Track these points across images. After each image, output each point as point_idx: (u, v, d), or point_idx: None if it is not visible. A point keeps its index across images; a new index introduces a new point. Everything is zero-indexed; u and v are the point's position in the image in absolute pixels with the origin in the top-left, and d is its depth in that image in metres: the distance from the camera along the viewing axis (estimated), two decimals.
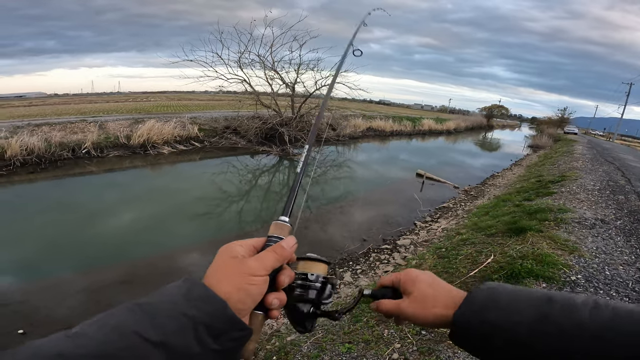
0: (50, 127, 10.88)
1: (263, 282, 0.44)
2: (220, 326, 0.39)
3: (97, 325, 0.35)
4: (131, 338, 0.35)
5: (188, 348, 0.37)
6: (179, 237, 5.75)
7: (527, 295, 0.47)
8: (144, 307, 0.38)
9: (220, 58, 13.97)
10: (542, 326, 0.42)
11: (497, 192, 8.45)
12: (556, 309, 0.43)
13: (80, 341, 0.34)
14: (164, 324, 0.37)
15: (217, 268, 0.44)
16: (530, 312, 0.44)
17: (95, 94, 48.41)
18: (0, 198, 7.45)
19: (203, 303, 0.39)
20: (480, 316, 0.47)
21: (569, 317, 0.42)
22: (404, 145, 19.74)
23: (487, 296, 0.49)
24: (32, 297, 3.91)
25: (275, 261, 0.47)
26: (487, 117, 43.36)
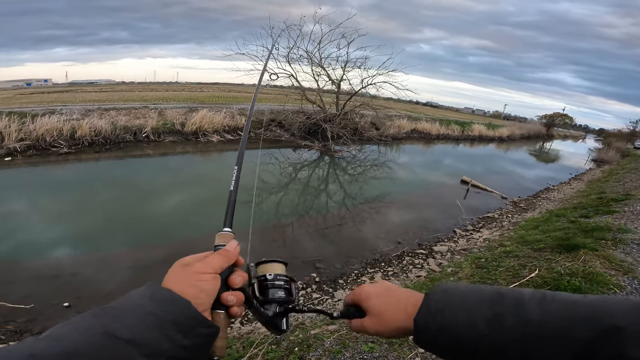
0: (117, 111, 11.98)
1: (212, 279, 0.48)
2: (186, 322, 0.42)
3: (67, 328, 0.37)
4: (102, 337, 0.36)
5: (158, 344, 0.39)
6: (218, 222, 6.06)
7: (477, 293, 0.49)
8: (111, 310, 0.40)
9: (270, 53, 14.37)
10: (496, 324, 0.45)
11: (551, 206, 7.84)
12: (507, 306, 0.45)
13: (52, 342, 0.35)
14: (133, 324, 0.39)
15: (171, 275, 0.48)
16: (483, 311, 0.46)
17: (157, 83, 52.19)
18: (67, 173, 8.38)
19: (168, 303, 0.42)
20: (437, 319, 0.49)
21: (519, 314, 0.44)
22: (449, 149, 18.91)
23: (441, 297, 0.51)
24: (82, 270, 4.18)
25: (221, 261, 0.50)
26: (547, 125, 40.00)
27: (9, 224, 5.24)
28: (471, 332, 0.46)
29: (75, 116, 10.55)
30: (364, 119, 16.14)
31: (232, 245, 0.54)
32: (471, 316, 0.47)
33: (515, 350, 0.43)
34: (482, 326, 0.45)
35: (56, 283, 3.90)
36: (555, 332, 0.41)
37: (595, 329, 0.39)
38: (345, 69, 15.02)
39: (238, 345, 2.44)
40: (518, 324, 0.43)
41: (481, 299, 0.48)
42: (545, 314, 0.43)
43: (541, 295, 0.46)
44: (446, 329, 0.48)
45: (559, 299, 0.45)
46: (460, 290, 0.51)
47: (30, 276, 3.98)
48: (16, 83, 49.09)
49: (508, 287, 0.51)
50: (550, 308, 0.43)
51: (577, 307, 0.42)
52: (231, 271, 0.52)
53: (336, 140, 13.38)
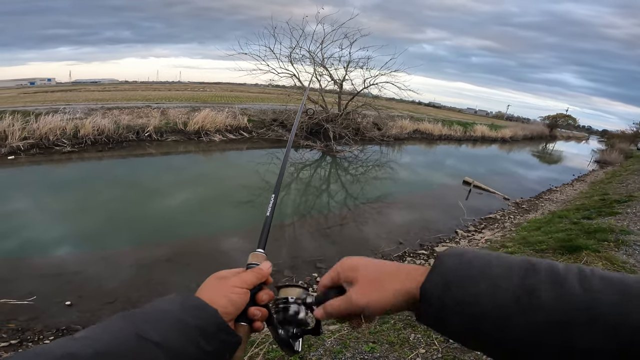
0: (120, 111, 12.02)
1: (244, 294, 0.51)
2: (212, 330, 0.44)
3: (100, 329, 0.39)
4: (134, 339, 0.38)
5: (185, 349, 0.41)
6: (222, 222, 6.08)
7: (502, 262, 0.41)
8: (141, 315, 0.42)
9: (272, 52, 14.41)
10: (529, 301, 0.37)
11: (553, 207, 7.81)
12: (541, 279, 0.38)
13: (87, 342, 0.37)
14: (163, 327, 0.41)
15: (206, 286, 0.51)
16: (512, 282, 0.38)
17: (159, 83, 52.31)
18: (70, 172, 8.42)
19: (197, 311, 0.44)
20: (453, 291, 0.40)
21: (558, 290, 0.36)
22: (452, 150, 18.87)
23: (457, 264, 0.42)
24: (85, 269, 4.20)
25: (254, 278, 0.54)
26: (550, 126, 39.83)
27: (12, 222, 5.27)
28: (497, 310, 0.38)
29: (78, 115, 10.60)
30: (366, 119, 16.13)
31: (265, 265, 0.58)
32: (497, 290, 0.38)
33: (553, 335, 0.35)
34: (509, 301, 0.37)
35: (59, 281, 3.91)
36: (607, 311, 0.34)
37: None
38: (348, 69, 15.05)
39: None
40: (557, 301, 0.36)
41: (508, 268, 0.40)
42: (591, 290, 0.35)
43: (577, 269, 0.38)
44: (465, 304, 0.39)
45: (599, 274, 0.37)
46: (481, 257, 0.42)
47: (33, 274, 4.00)
48: (20, 82, 49.29)
49: (535, 258, 0.42)
50: (594, 283, 0.36)
51: (626, 283, 0.35)
52: (260, 288, 0.55)
53: (338, 141, 13.38)
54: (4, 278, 3.85)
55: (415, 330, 2.42)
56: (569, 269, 0.39)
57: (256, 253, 0.62)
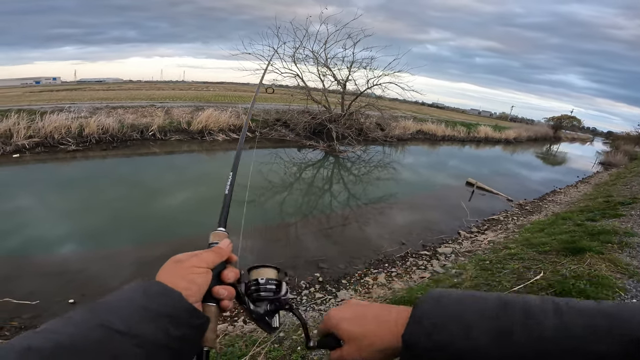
0: (124, 110, 12.09)
1: (204, 272, 0.50)
2: (178, 313, 0.43)
3: (62, 322, 0.38)
4: (98, 329, 0.37)
5: (152, 335, 0.40)
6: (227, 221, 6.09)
7: (477, 303, 0.43)
8: (105, 304, 0.41)
9: (276, 52, 14.43)
10: (502, 341, 0.39)
11: (557, 209, 7.77)
12: (515, 319, 0.40)
13: (48, 335, 0.35)
14: (128, 316, 0.40)
15: (164, 270, 0.50)
16: (487, 325, 0.40)
17: (163, 82, 52.61)
18: (75, 171, 8.48)
19: (160, 296, 0.44)
20: (432, 337, 0.42)
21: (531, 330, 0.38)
22: (455, 151, 18.81)
23: (433, 310, 0.44)
24: (88, 267, 4.20)
25: (213, 257, 0.53)
26: (555, 128, 39.62)
27: (16, 220, 5.31)
28: (474, 351, 0.39)
29: (83, 114, 10.67)
30: (369, 119, 16.11)
31: (224, 243, 0.57)
32: (472, 332, 0.40)
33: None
34: (485, 343, 0.39)
35: (62, 279, 3.91)
36: (574, 347, 0.36)
37: (620, 342, 0.35)
38: (351, 69, 15.04)
39: (241, 344, 2.45)
40: (530, 340, 0.38)
41: (482, 309, 0.42)
42: (561, 327, 0.37)
43: (552, 304, 0.40)
44: (444, 347, 0.41)
45: (574, 308, 0.39)
46: (455, 299, 0.44)
47: (36, 272, 4.02)
48: (25, 81, 49.70)
49: (510, 294, 0.44)
50: (566, 319, 0.38)
51: (597, 318, 0.37)
52: (224, 267, 0.54)
53: (341, 141, 13.38)
54: (8, 276, 3.87)
55: None
56: (543, 306, 0.40)
57: (217, 232, 0.60)
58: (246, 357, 2.21)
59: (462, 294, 0.45)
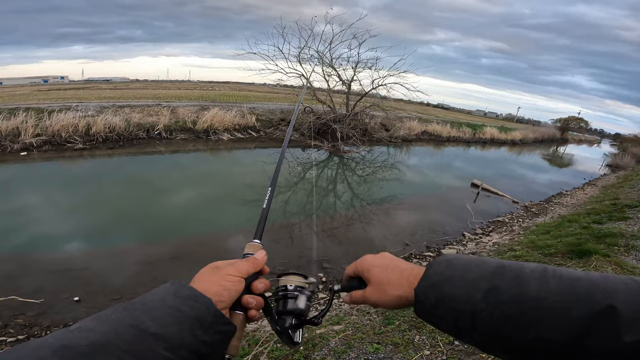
0: (130, 109, 12.19)
1: (238, 282, 0.52)
2: (207, 319, 0.44)
3: (97, 321, 0.39)
4: (131, 330, 0.39)
5: (182, 338, 0.41)
6: (228, 220, 6.12)
7: (480, 266, 0.48)
8: (137, 305, 0.42)
9: (281, 52, 14.44)
10: (492, 297, 0.44)
11: (563, 211, 7.69)
12: (506, 280, 0.44)
13: (83, 334, 0.37)
14: (159, 318, 0.41)
15: (200, 276, 0.52)
16: (482, 283, 0.45)
17: (169, 81, 52.93)
18: (81, 169, 8.57)
19: (191, 300, 0.45)
20: (437, 290, 0.49)
21: (517, 289, 0.43)
22: (460, 152, 18.71)
23: (444, 269, 0.50)
24: (93, 265, 4.23)
25: (248, 267, 0.55)
26: (562, 129, 39.23)
27: (22, 218, 5.38)
28: (468, 304, 0.45)
29: (90, 113, 10.78)
30: (374, 120, 16.08)
31: (260, 254, 0.60)
32: (470, 288, 0.46)
33: (511, 325, 0.42)
34: (478, 298, 0.44)
35: (67, 277, 3.94)
36: (552, 309, 0.40)
37: (592, 308, 0.38)
38: (356, 69, 15.01)
39: (244, 343, 2.46)
40: (515, 298, 0.42)
41: (482, 270, 0.47)
42: (543, 289, 0.41)
43: (542, 270, 0.44)
44: (444, 300, 0.47)
45: (560, 274, 0.43)
46: (464, 262, 0.50)
47: (42, 270, 4.06)
48: (33, 80, 50.33)
49: (511, 261, 0.49)
50: (549, 283, 0.42)
51: (577, 284, 0.41)
52: (255, 278, 0.56)
53: (345, 141, 13.37)
54: (14, 274, 3.91)
55: (420, 332, 2.41)
56: (534, 270, 0.45)
57: (252, 243, 0.63)
58: (249, 356, 2.21)
59: (470, 258, 0.51)
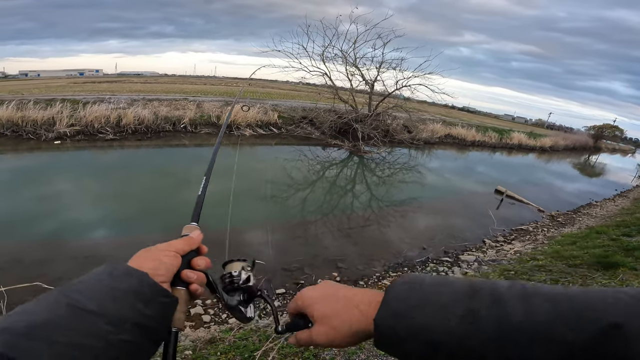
0: (159, 102, 12.61)
1: (173, 256, 0.52)
2: (145, 292, 0.44)
3: (33, 304, 0.39)
4: (67, 309, 0.38)
5: (122, 313, 0.41)
6: (247, 215, 6.22)
7: (450, 286, 0.43)
8: (73, 286, 0.42)
9: (305, 50, 14.51)
10: (470, 324, 0.39)
11: (592, 222, 7.36)
12: (483, 302, 0.40)
13: (21, 317, 0.37)
14: (96, 295, 0.41)
15: (135, 256, 0.52)
16: (457, 308, 0.40)
17: (196, 77, 54.33)
18: (111, 159, 8.95)
19: (126, 276, 0.45)
20: (405, 322, 0.42)
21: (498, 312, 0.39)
22: (485, 157, 18.18)
23: (407, 293, 0.44)
24: (116, 253, 4.26)
25: (182, 244, 0.55)
26: (595, 137, 37.29)
27: (53, 205, 5.66)
28: (443, 335, 0.40)
29: (121, 105, 11.24)
30: (396, 121, 15.88)
31: (195, 233, 0.60)
32: (442, 316, 0.40)
33: (494, 353, 0.37)
34: (455, 327, 0.39)
35: (91, 264, 3.99)
36: (540, 332, 0.36)
37: (591, 328, 0.34)
38: (380, 69, 14.88)
39: (254, 338, 2.49)
40: (496, 323, 0.38)
41: (453, 293, 0.42)
42: (527, 311, 0.38)
43: (521, 288, 0.40)
44: (417, 334, 0.41)
45: (542, 292, 0.39)
46: (428, 284, 0.44)
47: (68, 256, 4.21)
48: (70, 72, 52.96)
49: (480, 279, 0.44)
50: (533, 304, 0.38)
51: (565, 303, 0.37)
52: (195, 256, 0.57)
53: (366, 141, 13.28)
54: (42, 260, 4.04)
55: None
56: (511, 290, 0.40)
57: (189, 225, 0.64)
58: (259, 351, 2.24)
59: (433, 279, 0.45)
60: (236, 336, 2.55)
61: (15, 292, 3.07)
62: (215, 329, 2.99)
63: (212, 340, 2.53)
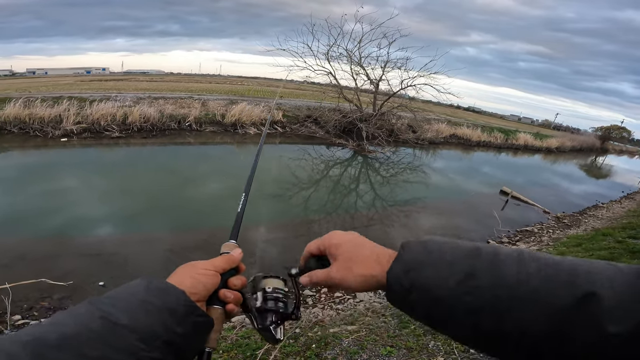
0: (165, 100, 12.69)
1: (212, 275, 0.52)
2: (179, 310, 0.44)
3: (66, 315, 0.39)
4: (100, 322, 0.38)
5: (154, 330, 0.41)
6: (252, 214, 6.24)
7: (455, 249, 0.45)
8: (106, 300, 0.42)
9: (310, 49, 14.50)
10: (468, 282, 0.41)
11: (598, 224, 7.28)
12: (482, 263, 0.42)
13: (53, 327, 0.37)
14: (129, 309, 0.41)
15: (175, 272, 0.52)
16: (457, 268, 0.43)
17: (201, 75, 54.49)
18: (117, 156, 9.02)
19: (162, 292, 0.44)
20: (410, 275, 0.45)
21: (494, 273, 0.41)
22: (490, 158, 18.06)
23: (419, 252, 0.47)
24: (122, 250, 4.34)
25: (223, 263, 0.55)
26: (602, 138, 36.88)
27: (59, 201, 5.70)
28: (443, 290, 0.42)
29: (127, 103, 11.33)
30: (401, 120, 15.83)
31: (235, 252, 0.60)
32: (445, 273, 0.43)
33: (488, 311, 0.39)
34: (454, 284, 0.42)
35: (96, 261, 4.04)
36: (531, 294, 0.38)
37: (573, 294, 0.36)
38: (385, 69, 14.83)
39: (257, 337, 2.50)
40: (492, 283, 0.40)
41: (458, 254, 0.44)
42: (521, 274, 0.39)
43: (519, 253, 0.42)
44: (418, 286, 0.44)
45: (538, 258, 0.41)
46: (439, 244, 0.47)
47: (74, 253, 4.21)
48: (77, 70, 53.46)
49: (486, 244, 0.46)
50: (528, 268, 0.40)
51: (558, 269, 0.39)
52: (233, 275, 0.56)
53: (371, 141, 13.25)
54: (47, 256, 4.04)
55: (436, 337, 2.37)
56: (510, 253, 0.42)
57: (228, 243, 0.64)
58: (261, 350, 2.25)
59: (444, 241, 0.48)
60: (238, 334, 2.56)
61: (21, 289, 3.10)
62: None
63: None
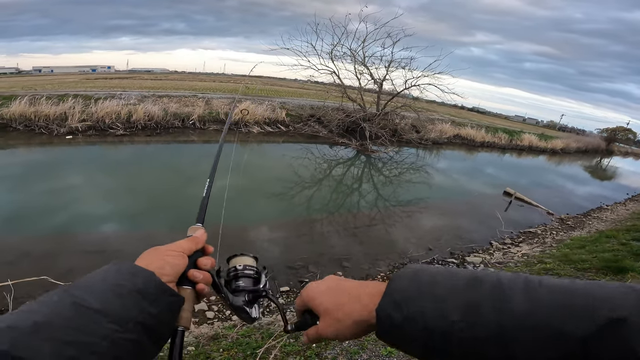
0: (169, 99, 12.74)
1: (179, 256, 0.52)
2: (151, 291, 0.44)
3: (38, 303, 0.39)
4: (72, 307, 0.39)
5: (126, 311, 0.41)
6: (254, 212, 6.26)
7: (451, 278, 0.43)
8: (77, 286, 0.42)
9: (314, 49, 14.49)
10: (470, 314, 0.38)
11: (602, 226, 7.23)
12: (484, 292, 0.39)
13: (26, 315, 0.37)
14: (100, 294, 0.41)
15: (141, 256, 0.52)
16: (456, 298, 0.40)
17: (205, 74, 54.61)
18: (121, 154, 9.07)
19: (132, 275, 0.45)
20: (402, 309, 0.42)
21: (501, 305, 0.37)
22: (494, 158, 17.95)
23: (409, 283, 0.44)
24: (125, 248, 4.36)
25: (188, 244, 0.56)
26: (608, 140, 36.54)
27: (63, 198, 5.74)
28: (442, 323, 0.39)
29: (132, 101, 11.39)
30: (405, 120, 15.78)
31: (199, 233, 0.61)
32: (442, 304, 0.40)
33: (494, 345, 0.37)
34: (454, 317, 0.39)
35: (100, 259, 4.02)
36: (543, 325, 0.35)
37: (595, 322, 0.33)
38: (389, 68, 14.78)
39: (257, 336, 2.51)
40: (498, 314, 0.37)
41: (454, 284, 0.42)
42: (531, 303, 0.36)
43: (525, 280, 0.39)
44: (412, 320, 0.41)
45: (547, 284, 0.38)
46: (431, 274, 0.44)
47: (77, 250, 4.24)
48: (82, 69, 53.77)
49: (484, 271, 0.44)
50: (538, 295, 0.37)
51: (571, 295, 0.36)
52: (200, 256, 0.57)
53: (374, 140, 13.22)
54: (50, 253, 4.06)
55: None
56: (514, 281, 0.39)
57: (194, 226, 0.65)
58: (261, 349, 2.25)
59: (438, 270, 0.45)
60: (239, 333, 2.56)
61: (23, 286, 3.12)
62: (218, 325, 3.02)
63: (215, 337, 2.56)
